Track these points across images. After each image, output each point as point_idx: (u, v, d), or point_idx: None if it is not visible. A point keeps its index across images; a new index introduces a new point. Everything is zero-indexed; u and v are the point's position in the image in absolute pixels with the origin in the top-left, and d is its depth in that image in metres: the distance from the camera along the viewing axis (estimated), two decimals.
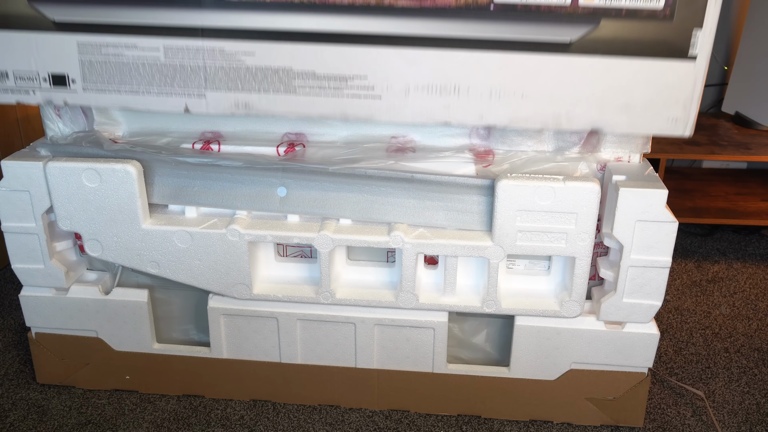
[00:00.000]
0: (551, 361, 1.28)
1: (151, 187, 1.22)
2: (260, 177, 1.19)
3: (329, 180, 1.18)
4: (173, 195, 1.22)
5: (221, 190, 1.20)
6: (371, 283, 1.28)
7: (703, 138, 1.96)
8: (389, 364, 1.32)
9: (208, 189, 1.21)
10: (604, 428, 1.33)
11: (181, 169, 1.20)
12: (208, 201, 1.22)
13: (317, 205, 1.20)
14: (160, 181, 1.21)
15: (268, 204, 1.21)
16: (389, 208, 1.19)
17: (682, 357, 1.55)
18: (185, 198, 1.22)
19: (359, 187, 1.18)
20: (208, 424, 1.34)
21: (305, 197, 1.20)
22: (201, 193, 1.21)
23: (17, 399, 1.40)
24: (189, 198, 1.22)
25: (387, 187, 1.18)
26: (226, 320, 1.31)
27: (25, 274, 1.29)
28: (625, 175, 1.15)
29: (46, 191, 1.20)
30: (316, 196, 1.19)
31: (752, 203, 2.00)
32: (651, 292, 1.18)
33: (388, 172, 1.16)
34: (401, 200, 1.18)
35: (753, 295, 1.80)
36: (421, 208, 1.18)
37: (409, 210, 1.19)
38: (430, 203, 1.18)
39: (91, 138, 1.22)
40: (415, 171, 1.16)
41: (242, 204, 1.21)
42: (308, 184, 1.18)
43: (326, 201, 1.20)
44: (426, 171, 1.17)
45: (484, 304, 1.22)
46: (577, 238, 1.14)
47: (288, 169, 1.18)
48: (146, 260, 1.24)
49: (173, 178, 1.21)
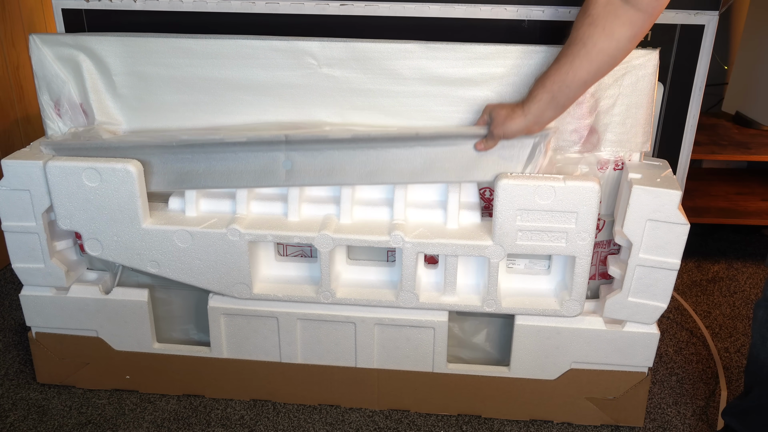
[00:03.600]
0: (551, 361, 1.27)
1: (154, 176, 1.21)
2: (264, 151, 1.18)
3: (334, 146, 1.17)
4: (178, 180, 1.21)
5: (226, 170, 1.19)
6: (371, 282, 1.28)
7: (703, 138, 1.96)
8: (389, 363, 1.32)
9: (212, 170, 1.20)
10: (604, 428, 1.33)
11: (185, 152, 1.19)
12: (213, 183, 1.20)
13: (323, 173, 1.18)
14: (163, 168, 1.20)
15: (274, 178, 1.19)
16: (396, 169, 1.17)
17: (682, 357, 1.55)
18: (190, 182, 1.21)
19: (364, 150, 1.16)
20: (208, 424, 1.34)
21: (311, 167, 1.18)
22: (205, 175, 1.20)
23: (17, 399, 1.40)
24: (194, 181, 1.21)
25: (393, 147, 1.16)
26: (226, 320, 1.31)
27: (25, 273, 1.29)
28: (641, 173, 1.15)
29: (46, 190, 1.20)
30: (321, 165, 1.18)
31: (752, 203, 1.99)
32: (657, 293, 1.18)
33: (393, 132, 1.16)
34: (408, 159, 1.17)
35: (753, 295, 1.80)
36: (429, 165, 1.17)
37: (417, 169, 1.17)
38: (437, 160, 1.16)
39: (91, 133, 1.22)
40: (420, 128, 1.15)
41: (248, 182, 1.20)
42: (313, 154, 1.17)
43: (332, 168, 1.18)
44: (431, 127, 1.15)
45: (485, 303, 1.22)
46: (577, 237, 1.14)
47: (291, 141, 1.17)
48: (146, 259, 1.24)
49: (177, 163, 1.20)
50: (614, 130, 1.18)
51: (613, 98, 1.16)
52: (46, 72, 1.24)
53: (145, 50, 1.20)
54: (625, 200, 1.14)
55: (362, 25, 1.26)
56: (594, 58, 1.00)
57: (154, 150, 1.19)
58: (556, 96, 1.04)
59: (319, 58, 1.18)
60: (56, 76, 1.24)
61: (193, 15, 1.29)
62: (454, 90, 1.18)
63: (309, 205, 1.22)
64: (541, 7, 1.23)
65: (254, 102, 1.22)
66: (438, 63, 1.16)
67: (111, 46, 1.21)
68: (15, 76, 1.83)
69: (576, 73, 1.02)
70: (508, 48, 1.14)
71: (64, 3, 1.30)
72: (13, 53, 1.81)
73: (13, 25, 1.81)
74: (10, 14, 1.79)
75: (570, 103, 1.07)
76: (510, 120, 1.09)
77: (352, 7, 1.25)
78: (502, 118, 1.10)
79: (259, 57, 1.19)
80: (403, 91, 1.19)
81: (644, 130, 1.18)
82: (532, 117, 1.07)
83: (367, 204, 1.22)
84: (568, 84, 1.03)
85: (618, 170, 1.20)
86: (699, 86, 1.27)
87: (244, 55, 1.19)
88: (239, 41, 1.18)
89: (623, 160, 1.20)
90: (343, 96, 1.20)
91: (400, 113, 1.21)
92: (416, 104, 1.20)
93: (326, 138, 1.16)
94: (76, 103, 1.26)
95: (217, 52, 1.19)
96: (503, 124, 1.10)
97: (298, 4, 1.26)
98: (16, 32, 1.82)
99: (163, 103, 1.25)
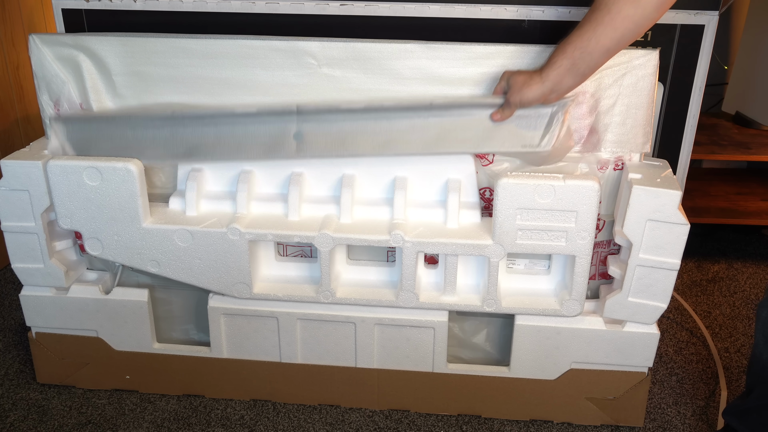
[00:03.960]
0: (551, 361, 1.27)
1: (161, 149, 1.20)
2: (275, 123, 1.17)
3: (346, 117, 1.16)
4: (186, 153, 1.21)
5: (235, 142, 1.19)
6: (371, 282, 1.28)
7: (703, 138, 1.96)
8: (389, 363, 1.32)
9: (221, 142, 1.19)
10: (604, 428, 1.33)
11: (194, 124, 1.18)
12: (222, 155, 1.20)
13: (335, 145, 1.17)
14: (172, 141, 1.20)
15: (285, 151, 1.18)
16: (410, 139, 1.16)
17: (682, 357, 1.55)
18: (198, 155, 1.20)
19: (377, 120, 1.15)
20: (208, 424, 1.34)
21: (322, 138, 1.17)
22: (214, 147, 1.19)
23: (17, 399, 1.40)
24: (202, 154, 1.20)
25: (406, 117, 1.15)
26: (227, 320, 1.31)
27: (25, 273, 1.29)
28: (641, 173, 1.15)
29: (45, 190, 1.20)
30: (333, 136, 1.17)
31: (752, 203, 1.99)
32: (657, 293, 1.18)
33: (406, 102, 1.15)
34: (422, 129, 1.15)
35: (753, 295, 1.80)
36: (443, 136, 1.15)
37: (430, 140, 1.16)
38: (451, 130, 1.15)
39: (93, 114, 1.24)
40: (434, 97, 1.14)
41: (258, 154, 1.19)
42: (324, 125, 1.16)
43: (344, 139, 1.17)
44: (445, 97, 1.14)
45: (485, 303, 1.22)
46: (577, 236, 1.14)
47: (303, 111, 1.16)
48: (146, 259, 1.24)
49: (186, 135, 1.19)
50: (614, 130, 1.18)
51: (613, 98, 1.16)
52: (46, 72, 1.24)
53: (145, 50, 1.20)
54: (625, 200, 1.14)
55: (362, 25, 1.26)
56: (618, 26, 0.97)
57: (162, 122, 1.18)
58: (576, 63, 1.02)
59: (319, 58, 1.18)
60: (56, 76, 1.24)
61: (193, 15, 1.29)
62: (454, 90, 1.18)
63: (309, 204, 1.22)
64: (541, 7, 1.23)
65: (254, 102, 1.22)
66: (438, 63, 1.16)
67: (111, 46, 1.21)
68: (15, 76, 1.83)
69: (599, 40, 0.99)
70: (508, 48, 1.14)
71: (64, 3, 1.30)
72: (13, 53, 1.81)
73: (13, 25, 1.81)
74: (10, 14, 1.79)
75: (591, 72, 1.04)
76: (527, 87, 1.06)
77: (352, 7, 1.25)
78: (520, 85, 1.07)
79: (259, 57, 1.19)
80: (403, 91, 1.19)
81: (644, 131, 1.18)
82: (550, 84, 1.05)
83: (367, 203, 1.22)
84: (590, 51, 1.00)
85: (618, 170, 1.20)
86: (699, 86, 1.27)
87: (244, 55, 1.19)
88: (239, 41, 1.18)
89: (623, 160, 1.20)
90: (343, 96, 1.20)
91: None
92: None
93: (338, 108, 1.16)
94: (75, 103, 1.26)
95: (217, 52, 1.19)
96: (520, 91, 1.07)
97: (298, 4, 1.26)
98: (16, 32, 1.82)
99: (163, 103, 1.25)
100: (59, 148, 1.24)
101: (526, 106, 1.10)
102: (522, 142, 1.15)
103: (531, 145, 1.16)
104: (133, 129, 1.21)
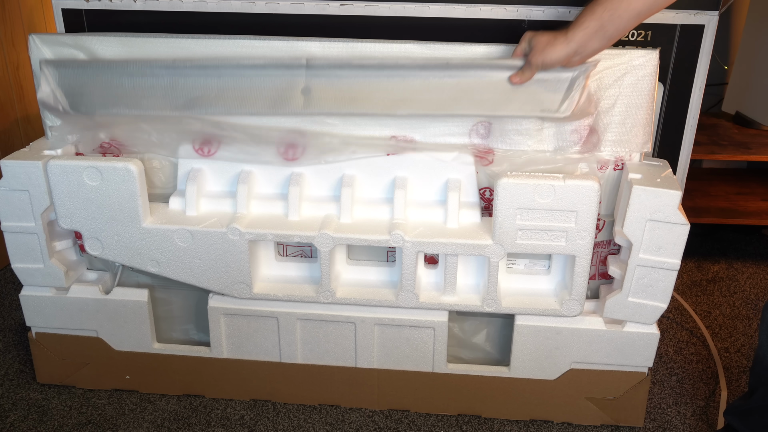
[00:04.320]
0: (551, 361, 1.27)
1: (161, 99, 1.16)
2: (282, 75, 1.12)
3: (358, 73, 1.11)
4: (187, 104, 1.15)
5: (239, 95, 1.14)
6: (371, 282, 1.28)
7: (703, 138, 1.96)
8: (389, 363, 1.32)
9: (224, 95, 1.13)
10: (604, 428, 1.33)
11: (196, 74, 1.13)
12: (224, 108, 1.14)
13: (345, 101, 1.13)
14: (172, 91, 1.15)
15: (291, 105, 1.13)
16: (424, 99, 1.12)
17: (682, 357, 1.55)
18: (199, 107, 1.15)
19: (390, 77, 1.11)
20: (208, 424, 1.34)
21: (331, 94, 1.12)
22: (217, 99, 1.14)
23: (17, 399, 1.40)
24: (203, 106, 1.15)
25: (421, 76, 1.11)
26: (227, 320, 1.31)
27: (25, 273, 1.29)
28: (641, 173, 1.15)
29: (45, 190, 1.20)
30: (343, 92, 1.12)
31: (752, 203, 1.99)
32: (657, 293, 1.18)
33: (422, 61, 1.12)
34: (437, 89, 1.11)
35: (753, 295, 1.80)
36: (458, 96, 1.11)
37: (445, 100, 1.12)
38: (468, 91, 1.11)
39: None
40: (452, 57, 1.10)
41: (262, 108, 1.14)
42: (334, 80, 1.11)
43: (355, 96, 1.12)
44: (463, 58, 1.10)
45: (485, 303, 1.22)
46: (577, 236, 1.14)
47: (313, 66, 1.12)
48: (146, 259, 1.24)
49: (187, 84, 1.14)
50: (614, 130, 1.18)
51: (613, 98, 1.16)
52: None
53: (145, 50, 1.20)
54: (625, 200, 1.14)
55: (362, 25, 1.26)
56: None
57: (163, 70, 1.14)
58: (605, 25, 0.98)
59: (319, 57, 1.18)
60: None
61: (193, 15, 1.29)
62: None
63: (309, 204, 1.22)
64: (541, 7, 1.23)
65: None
66: None
67: (111, 46, 1.21)
68: (15, 76, 1.83)
69: (630, 2, 0.96)
70: (508, 48, 1.14)
71: (64, 3, 1.30)
72: (13, 53, 1.81)
73: (13, 25, 1.81)
74: (10, 14, 1.79)
75: (618, 35, 1.00)
76: (551, 47, 1.03)
77: (352, 7, 1.25)
78: (543, 45, 1.04)
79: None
80: None
81: (644, 131, 1.18)
82: (575, 45, 1.02)
83: (367, 203, 1.22)
84: (620, 14, 0.97)
85: (618, 170, 1.20)
86: (699, 86, 1.27)
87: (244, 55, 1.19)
88: (239, 41, 1.18)
89: (623, 160, 1.20)
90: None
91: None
92: None
93: (350, 64, 1.12)
94: None
95: (217, 52, 1.19)
96: (543, 51, 1.04)
97: (298, 4, 1.26)
98: (16, 32, 1.82)
99: None
100: (50, 94, 1.18)
101: (548, 68, 1.07)
102: (541, 107, 1.11)
103: (550, 110, 1.12)
104: (130, 76, 1.16)
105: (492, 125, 1.19)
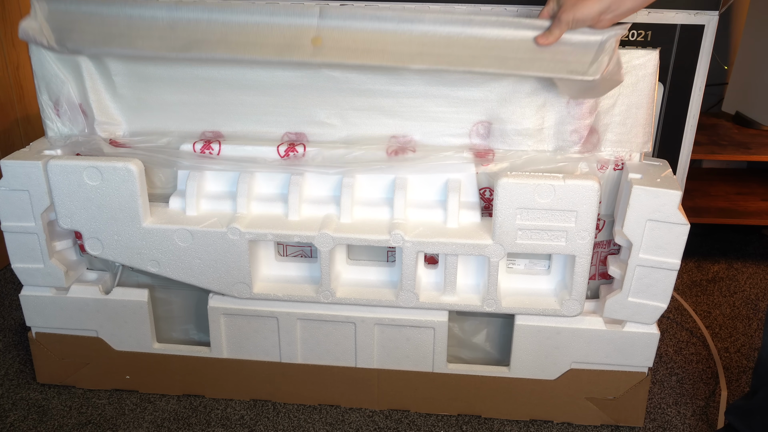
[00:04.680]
0: (551, 361, 1.27)
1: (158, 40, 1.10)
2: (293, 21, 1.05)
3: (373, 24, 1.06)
4: (186, 46, 1.09)
5: (244, 40, 1.07)
6: (371, 282, 1.28)
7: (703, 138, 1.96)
8: (389, 363, 1.32)
9: (228, 38, 1.07)
10: (604, 428, 1.33)
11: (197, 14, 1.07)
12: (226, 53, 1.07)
13: (358, 52, 1.07)
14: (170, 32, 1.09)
15: (300, 53, 1.07)
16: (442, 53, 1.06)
17: (682, 357, 1.55)
18: (199, 49, 1.08)
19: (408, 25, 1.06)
20: (208, 424, 1.34)
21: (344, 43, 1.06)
22: (219, 43, 1.07)
23: (17, 399, 1.40)
24: (204, 49, 1.08)
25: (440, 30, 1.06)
26: (227, 320, 1.31)
27: (25, 273, 1.29)
28: (641, 173, 1.15)
29: (45, 190, 1.20)
30: (357, 42, 1.06)
31: (752, 203, 1.99)
32: (657, 293, 1.18)
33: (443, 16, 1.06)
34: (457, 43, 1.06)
35: (753, 295, 1.80)
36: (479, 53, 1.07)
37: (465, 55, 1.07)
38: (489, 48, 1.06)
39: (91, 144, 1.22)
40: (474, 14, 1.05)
41: (270, 53, 1.08)
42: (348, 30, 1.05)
43: (369, 48, 1.07)
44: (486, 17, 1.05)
45: (485, 303, 1.22)
46: (577, 236, 1.14)
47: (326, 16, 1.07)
48: (147, 259, 1.24)
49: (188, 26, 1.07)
50: (614, 130, 1.18)
51: (613, 98, 1.16)
52: (46, 72, 1.24)
53: None
54: (625, 200, 1.14)
55: None
56: None
57: (162, 7, 1.09)
58: None
59: None
60: (56, 76, 1.24)
61: None
62: (454, 91, 1.18)
63: (309, 204, 1.22)
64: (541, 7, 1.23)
65: (254, 102, 1.22)
66: None
67: None
68: (15, 76, 1.83)
69: None
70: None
71: None
72: (13, 53, 1.81)
73: (13, 25, 1.81)
74: (10, 14, 1.79)
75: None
76: (582, 3, 0.98)
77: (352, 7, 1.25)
78: (574, 1, 1.00)
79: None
80: (403, 91, 1.19)
81: (644, 131, 1.18)
82: (608, 1, 0.97)
83: (367, 203, 1.22)
84: None
85: (618, 170, 1.20)
86: (699, 86, 1.27)
87: None
88: None
89: (623, 160, 1.20)
90: (343, 96, 1.20)
91: (400, 113, 1.21)
92: (416, 104, 1.20)
93: (365, 15, 1.07)
94: (75, 103, 1.26)
95: None
96: (574, 7, 0.99)
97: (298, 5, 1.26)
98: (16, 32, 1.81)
99: (163, 103, 1.25)
100: (38, 28, 1.14)
101: (578, 26, 1.02)
102: (568, 68, 1.05)
103: (578, 72, 1.06)
104: (126, 12, 1.09)
105: (492, 125, 1.20)
